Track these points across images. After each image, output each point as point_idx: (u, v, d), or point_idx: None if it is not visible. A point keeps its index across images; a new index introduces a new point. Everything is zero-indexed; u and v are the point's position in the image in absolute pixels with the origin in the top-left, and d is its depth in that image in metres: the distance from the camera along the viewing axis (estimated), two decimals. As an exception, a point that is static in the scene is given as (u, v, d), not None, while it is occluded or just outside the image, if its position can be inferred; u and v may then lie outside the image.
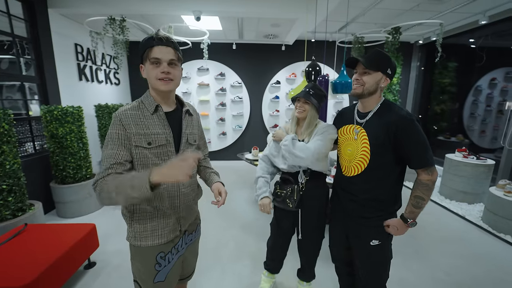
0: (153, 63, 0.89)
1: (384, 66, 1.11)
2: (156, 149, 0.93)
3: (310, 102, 1.34)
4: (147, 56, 0.90)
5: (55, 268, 1.52)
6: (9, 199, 2.01)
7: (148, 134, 0.91)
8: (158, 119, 0.95)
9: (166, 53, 0.89)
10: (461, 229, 2.70)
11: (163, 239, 0.98)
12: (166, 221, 0.98)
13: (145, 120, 0.92)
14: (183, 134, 1.01)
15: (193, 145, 1.06)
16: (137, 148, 0.90)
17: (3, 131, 1.97)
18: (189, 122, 1.06)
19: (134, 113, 0.92)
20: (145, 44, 0.90)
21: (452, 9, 3.29)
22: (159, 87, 0.91)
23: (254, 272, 1.97)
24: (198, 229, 1.20)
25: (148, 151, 0.91)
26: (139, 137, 0.90)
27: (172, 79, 0.92)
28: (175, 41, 0.94)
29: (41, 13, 2.96)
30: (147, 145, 0.91)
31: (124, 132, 0.89)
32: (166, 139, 0.95)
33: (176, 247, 1.05)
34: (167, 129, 0.96)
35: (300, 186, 1.39)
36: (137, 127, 0.90)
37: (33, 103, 3.08)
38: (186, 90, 5.20)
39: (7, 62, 2.93)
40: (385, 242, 1.20)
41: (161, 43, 0.89)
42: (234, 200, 3.42)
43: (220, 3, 3.14)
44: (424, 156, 1.07)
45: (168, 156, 0.95)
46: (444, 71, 4.96)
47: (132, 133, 0.89)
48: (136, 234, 0.97)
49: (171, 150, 0.96)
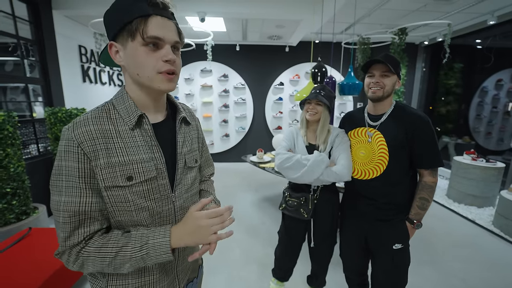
0: (148, 44, 0.54)
1: (398, 68, 1.15)
2: (140, 185, 0.59)
3: (323, 103, 1.29)
4: (139, 30, 0.53)
5: (60, 274, 1.49)
6: (13, 202, 1.98)
7: (126, 164, 0.57)
8: (142, 138, 0.60)
9: (169, 30, 0.56)
10: (472, 233, 2.64)
11: None
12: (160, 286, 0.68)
13: (121, 140, 0.58)
14: (180, 156, 0.67)
15: (193, 167, 0.74)
16: (108, 190, 0.56)
17: (8, 134, 1.95)
18: (186, 135, 0.72)
19: (103, 128, 0.56)
20: (131, 10, 0.53)
21: (460, 10, 3.25)
22: (159, 84, 0.58)
23: (261, 278, 1.93)
24: (201, 272, 0.87)
25: (127, 190, 0.57)
26: (111, 171, 0.56)
27: (176, 73, 0.60)
28: None
29: (45, 14, 2.95)
30: (125, 182, 0.57)
31: (87, 165, 0.54)
32: (157, 168, 0.61)
33: None
34: (156, 152, 0.62)
35: (314, 194, 1.34)
36: (108, 153, 0.55)
37: (37, 105, 3.06)
38: (189, 91, 5.18)
39: (12, 64, 2.92)
40: (407, 245, 1.18)
41: (164, 13, 0.55)
42: (239, 203, 3.38)
43: (225, 4, 3.11)
44: (436, 157, 1.10)
45: (159, 194, 0.62)
46: (449, 72, 4.91)
47: (99, 166, 0.55)
48: None
49: (163, 183, 0.63)
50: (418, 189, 1.14)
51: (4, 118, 1.91)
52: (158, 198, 0.62)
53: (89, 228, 0.55)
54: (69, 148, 0.53)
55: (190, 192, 0.72)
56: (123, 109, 0.60)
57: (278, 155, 1.36)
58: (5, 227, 1.92)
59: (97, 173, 0.55)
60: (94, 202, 0.55)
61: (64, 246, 0.54)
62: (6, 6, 2.54)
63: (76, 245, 0.54)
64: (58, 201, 0.53)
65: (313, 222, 1.40)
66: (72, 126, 0.55)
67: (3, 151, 1.91)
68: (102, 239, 0.56)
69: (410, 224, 1.15)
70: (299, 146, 1.37)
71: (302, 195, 1.35)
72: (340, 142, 1.29)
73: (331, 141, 1.31)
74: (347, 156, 1.25)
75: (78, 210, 0.53)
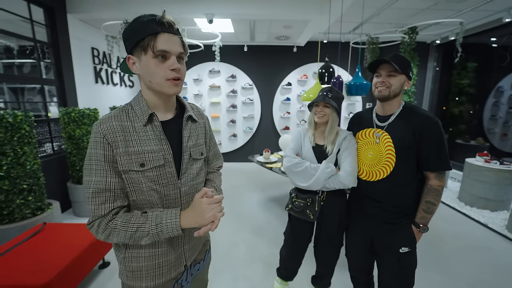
0: (157, 56, 0.67)
1: (408, 68, 1.12)
2: (151, 171, 0.72)
3: (331, 105, 1.29)
4: (150, 46, 0.65)
5: (72, 267, 1.55)
6: (30, 198, 2.07)
7: (140, 153, 0.70)
8: (152, 132, 0.73)
9: (174, 44, 0.68)
10: (484, 237, 2.56)
11: (161, 279, 0.80)
12: (166, 258, 0.79)
13: (136, 134, 0.71)
14: (185, 149, 0.79)
15: (199, 159, 0.84)
16: (127, 173, 0.70)
17: (25, 133, 2.04)
18: (192, 131, 0.83)
19: (123, 124, 0.70)
20: (144, 28, 0.65)
21: (473, 7, 3.16)
22: (167, 89, 0.70)
23: (266, 277, 1.94)
24: (208, 255, 1.00)
25: (140, 175, 0.70)
26: (128, 158, 0.69)
27: (181, 79, 0.72)
28: None
29: (60, 18, 3.07)
30: (139, 168, 0.70)
31: (111, 153, 0.68)
32: (164, 157, 0.74)
33: (180, 282, 0.86)
34: (164, 145, 0.74)
35: (321, 196, 1.34)
36: (126, 144, 0.69)
37: (52, 105, 3.18)
38: (197, 92, 5.25)
39: (29, 66, 3.06)
40: (414, 249, 1.17)
41: (170, 30, 0.67)
42: (245, 202, 3.40)
43: (233, 5, 3.15)
44: (443, 160, 1.07)
45: (166, 179, 0.75)
46: (462, 72, 4.77)
47: (119, 153, 0.68)
48: (130, 273, 0.78)
49: (170, 171, 0.75)
50: (424, 192, 1.12)
51: (22, 118, 2.01)
52: (165, 183, 0.75)
53: (113, 203, 0.69)
54: (97, 139, 0.68)
55: (196, 180, 0.84)
56: (138, 109, 0.73)
57: (287, 157, 1.38)
58: (22, 221, 2.01)
59: (117, 159, 0.69)
60: (117, 182, 0.69)
61: (94, 217, 0.68)
62: (24, 11, 2.66)
63: (103, 217, 0.68)
64: (89, 181, 0.68)
65: (319, 224, 1.40)
66: (100, 122, 0.69)
67: (21, 149, 2.00)
68: (126, 216, 0.69)
69: (416, 228, 1.14)
70: (306, 146, 1.38)
71: (308, 197, 1.35)
72: (347, 145, 1.29)
73: (339, 143, 1.31)
74: (352, 163, 1.25)
75: (104, 188, 0.68)
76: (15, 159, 1.97)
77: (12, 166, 1.95)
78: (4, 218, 1.97)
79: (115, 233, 0.68)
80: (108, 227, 0.67)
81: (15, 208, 1.99)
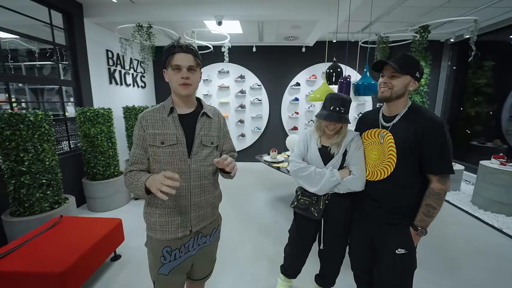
0: (174, 69, 0.96)
1: (413, 69, 1.10)
2: (168, 148, 0.99)
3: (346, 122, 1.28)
4: (169, 62, 0.97)
5: (86, 258, 1.64)
6: (48, 192, 2.20)
7: (162, 134, 0.99)
8: (172, 120, 1.02)
9: (185, 60, 0.96)
10: (497, 242, 2.48)
11: (169, 235, 1.03)
12: (173, 219, 1.03)
13: (161, 121, 1.01)
14: (197, 136, 1.04)
15: (208, 147, 1.08)
16: (151, 147, 1.00)
17: (44, 131, 2.16)
18: (205, 124, 1.08)
19: (154, 115, 1.02)
20: (167, 51, 0.97)
21: (489, 4, 3.05)
22: (180, 91, 0.99)
23: (271, 274, 1.97)
24: (215, 234, 1.19)
25: (160, 149, 0.99)
26: (153, 137, 0.99)
27: (190, 84, 0.99)
28: (195, 48, 1.00)
29: (78, 22, 3.22)
30: (160, 144, 0.99)
31: (143, 132, 1.00)
32: (178, 139, 1.00)
33: (187, 246, 1.07)
34: (179, 130, 1.01)
35: (325, 195, 1.35)
36: (153, 127, 1.00)
37: (69, 105, 3.35)
38: (207, 92, 5.34)
39: (49, 68, 3.23)
40: (411, 251, 1.15)
41: (182, 51, 0.95)
42: (253, 202, 3.44)
43: (241, 7, 3.20)
44: (445, 162, 1.06)
45: (180, 156, 1.01)
46: (479, 71, 4.60)
47: (149, 133, 0.99)
48: (149, 226, 1.06)
49: (182, 150, 1.01)
50: (425, 195, 1.11)
51: (42, 117, 2.13)
52: (178, 158, 1.01)
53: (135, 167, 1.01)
54: (137, 123, 1.02)
55: (205, 162, 1.07)
56: (166, 104, 1.05)
57: (292, 162, 1.41)
58: (41, 214, 2.14)
59: (147, 138, 1.00)
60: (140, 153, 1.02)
61: (126, 170, 1.03)
62: (45, 17, 2.83)
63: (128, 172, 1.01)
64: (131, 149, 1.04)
65: (323, 223, 1.41)
66: (141, 113, 1.03)
67: (40, 146, 2.13)
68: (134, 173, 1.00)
69: (414, 231, 1.13)
70: (312, 148, 1.39)
71: (314, 195, 1.36)
72: (355, 148, 1.29)
73: (346, 144, 1.31)
74: (361, 167, 1.26)
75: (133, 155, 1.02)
76: (35, 155, 2.09)
77: (33, 162, 2.08)
78: (25, 211, 2.11)
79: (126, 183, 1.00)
80: (125, 178, 1.01)
81: (35, 201, 2.12)
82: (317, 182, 1.30)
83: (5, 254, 1.56)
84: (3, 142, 1.97)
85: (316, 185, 1.30)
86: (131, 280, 1.91)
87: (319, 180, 1.30)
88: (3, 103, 3.24)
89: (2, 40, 2.32)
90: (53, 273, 1.42)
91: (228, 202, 3.42)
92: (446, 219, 2.93)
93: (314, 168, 1.33)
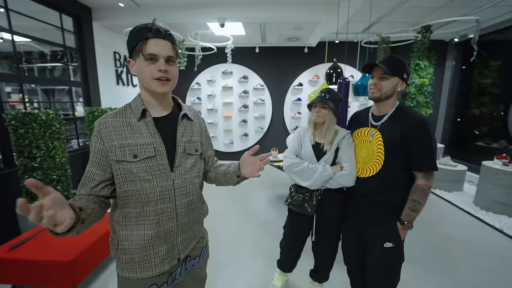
0: (147, 59, 0.74)
1: (401, 71, 1.16)
2: (144, 162, 0.77)
3: (328, 106, 1.35)
4: (140, 50, 0.73)
5: (92, 250, 1.74)
6: (58, 188, 2.32)
7: (133, 145, 0.76)
8: (145, 126, 0.79)
9: (163, 47, 0.74)
10: (498, 243, 2.47)
11: (154, 271, 0.82)
12: (157, 250, 0.81)
13: (130, 128, 0.77)
14: (179, 143, 0.84)
15: (193, 155, 0.89)
16: (119, 163, 0.75)
17: (55, 129, 2.28)
18: (187, 128, 0.88)
19: (117, 120, 0.77)
20: (137, 35, 0.74)
21: (493, 3, 3.04)
22: (155, 88, 0.76)
23: (269, 269, 2.03)
24: (204, 252, 1.01)
25: (134, 165, 0.76)
26: (121, 149, 0.75)
27: (170, 79, 0.77)
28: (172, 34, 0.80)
29: (87, 26, 3.36)
30: (132, 159, 0.76)
31: (102, 146, 0.75)
32: (156, 149, 0.79)
33: (173, 275, 0.88)
34: (156, 138, 0.79)
35: (318, 190, 1.41)
36: (119, 137, 0.76)
37: (78, 105, 3.49)
38: (211, 92, 5.44)
39: (60, 69, 3.38)
40: (398, 244, 1.20)
41: (159, 35, 0.74)
42: (253, 200, 3.50)
43: (243, 9, 3.27)
44: (428, 159, 1.11)
45: (159, 171, 0.79)
46: (484, 70, 4.55)
47: (114, 145, 0.75)
48: (123, 265, 0.81)
49: (162, 163, 0.80)
50: (411, 191, 1.15)
51: (53, 116, 2.25)
52: (158, 174, 0.79)
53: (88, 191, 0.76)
54: (94, 132, 0.77)
55: (190, 174, 0.88)
56: (134, 106, 0.81)
57: (286, 158, 1.47)
58: (51, 208, 2.26)
59: (112, 151, 0.75)
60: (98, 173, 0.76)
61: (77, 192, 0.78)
62: (57, 21, 2.97)
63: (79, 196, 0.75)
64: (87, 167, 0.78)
65: (316, 218, 1.46)
66: (99, 119, 0.78)
67: (51, 143, 2.25)
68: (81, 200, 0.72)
69: (400, 225, 1.17)
70: (306, 145, 1.45)
71: (307, 191, 1.42)
72: (346, 145, 1.35)
73: (337, 142, 1.37)
74: (352, 164, 1.31)
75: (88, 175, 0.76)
76: (46, 152, 2.22)
77: (44, 159, 2.20)
78: (36, 205, 2.23)
79: None
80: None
81: (46, 196, 2.24)
82: (309, 177, 1.36)
83: (18, 244, 1.67)
84: (18, 140, 2.10)
85: (309, 180, 1.36)
86: (135, 272, 2.00)
87: (311, 175, 1.35)
88: (17, 103, 3.41)
89: (17, 43, 2.45)
90: (62, 262, 1.52)
91: (229, 199, 3.49)
92: (447, 219, 2.93)
93: (307, 163, 1.39)
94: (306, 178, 1.37)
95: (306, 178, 1.37)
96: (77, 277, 1.59)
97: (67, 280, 1.55)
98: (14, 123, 2.05)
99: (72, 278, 1.56)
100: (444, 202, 3.43)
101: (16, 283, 1.61)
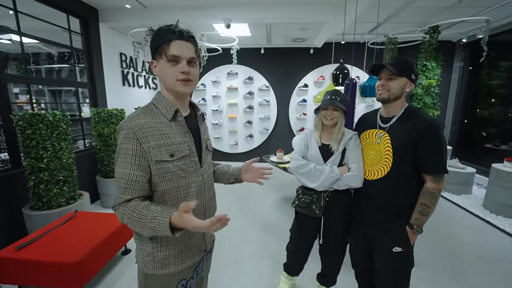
0: (170, 61, 0.76)
1: (409, 71, 1.14)
2: (179, 160, 0.81)
3: (340, 108, 1.34)
4: (164, 51, 0.76)
5: (98, 250, 1.74)
6: (64, 188, 2.33)
7: (169, 145, 0.79)
8: (177, 126, 0.82)
9: (186, 49, 0.77)
10: (509, 248, 2.41)
11: (188, 262, 0.86)
12: (191, 241, 0.87)
13: (163, 129, 0.79)
14: (203, 141, 0.91)
15: (210, 151, 0.98)
16: (158, 163, 0.77)
17: (62, 130, 2.30)
18: (205, 126, 0.97)
19: (149, 121, 0.78)
20: (161, 37, 0.76)
21: (502, 3, 2.98)
22: (179, 88, 0.79)
23: (274, 272, 2.01)
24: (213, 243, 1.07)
25: (171, 164, 0.79)
26: (159, 149, 0.77)
27: (192, 80, 0.80)
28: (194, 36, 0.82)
29: (93, 27, 3.38)
30: (169, 158, 0.78)
31: (140, 147, 0.75)
32: (189, 148, 0.83)
33: (197, 270, 0.92)
34: (188, 137, 0.84)
35: (326, 192, 1.39)
36: (155, 138, 0.77)
37: (84, 106, 3.51)
38: (216, 93, 5.45)
39: (67, 70, 3.40)
40: (408, 249, 1.17)
41: (182, 38, 0.76)
42: (259, 202, 3.48)
43: (249, 10, 3.26)
44: (438, 162, 1.08)
45: (192, 167, 0.84)
46: (493, 72, 4.47)
47: (151, 146, 0.76)
48: (157, 263, 0.81)
49: (194, 160, 0.85)
50: (420, 194, 1.13)
51: (60, 117, 2.27)
52: (192, 170, 0.85)
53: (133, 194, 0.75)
54: (128, 135, 0.75)
55: (210, 169, 0.98)
56: (162, 107, 0.82)
57: (293, 160, 1.46)
58: (57, 208, 2.27)
59: (149, 152, 0.76)
60: (140, 175, 0.76)
61: (115, 202, 0.76)
62: (64, 22, 2.99)
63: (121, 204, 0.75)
64: (118, 172, 0.76)
65: (324, 220, 1.44)
66: (129, 120, 0.77)
67: (58, 144, 2.26)
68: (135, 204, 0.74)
69: (410, 229, 1.15)
70: (312, 146, 1.44)
71: (314, 193, 1.40)
72: (353, 146, 1.34)
73: (344, 143, 1.36)
74: (359, 165, 1.30)
75: (128, 179, 0.75)
76: (53, 153, 2.23)
77: (51, 160, 2.21)
78: (43, 205, 2.24)
79: (126, 220, 0.73)
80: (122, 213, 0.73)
81: (53, 196, 2.25)
82: (317, 178, 1.34)
83: (24, 245, 1.67)
84: (25, 141, 2.11)
85: (316, 181, 1.34)
86: (140, 273, 1.99)
87: (319, 176, 1.34)
88: (24, 103, 3.44)
89: (25, 45, 2.48)
90: (69, 263, 1.52)
91: (234, 201, 3.48)
92: (456, 223, 2.87)
93: (314, 165, 1.37)
94: (314, 179, 1.36)
95: (313, 179, 1.36)
96: (84, 277, 1.59)
97: (74, 280, 1.55)
98: (21, 123, 2.07)
99: (79, 278, 1.56)
100: (452, 205, 3.37)
101: (23, 283, 1.61)
